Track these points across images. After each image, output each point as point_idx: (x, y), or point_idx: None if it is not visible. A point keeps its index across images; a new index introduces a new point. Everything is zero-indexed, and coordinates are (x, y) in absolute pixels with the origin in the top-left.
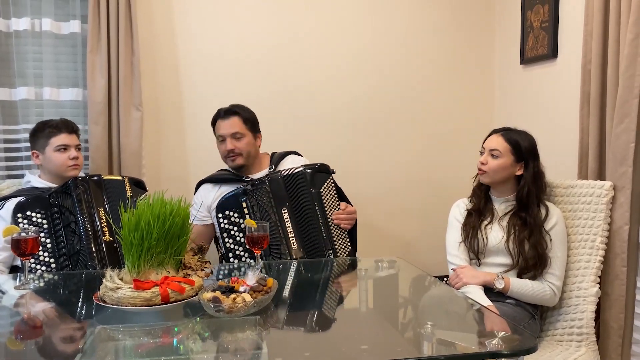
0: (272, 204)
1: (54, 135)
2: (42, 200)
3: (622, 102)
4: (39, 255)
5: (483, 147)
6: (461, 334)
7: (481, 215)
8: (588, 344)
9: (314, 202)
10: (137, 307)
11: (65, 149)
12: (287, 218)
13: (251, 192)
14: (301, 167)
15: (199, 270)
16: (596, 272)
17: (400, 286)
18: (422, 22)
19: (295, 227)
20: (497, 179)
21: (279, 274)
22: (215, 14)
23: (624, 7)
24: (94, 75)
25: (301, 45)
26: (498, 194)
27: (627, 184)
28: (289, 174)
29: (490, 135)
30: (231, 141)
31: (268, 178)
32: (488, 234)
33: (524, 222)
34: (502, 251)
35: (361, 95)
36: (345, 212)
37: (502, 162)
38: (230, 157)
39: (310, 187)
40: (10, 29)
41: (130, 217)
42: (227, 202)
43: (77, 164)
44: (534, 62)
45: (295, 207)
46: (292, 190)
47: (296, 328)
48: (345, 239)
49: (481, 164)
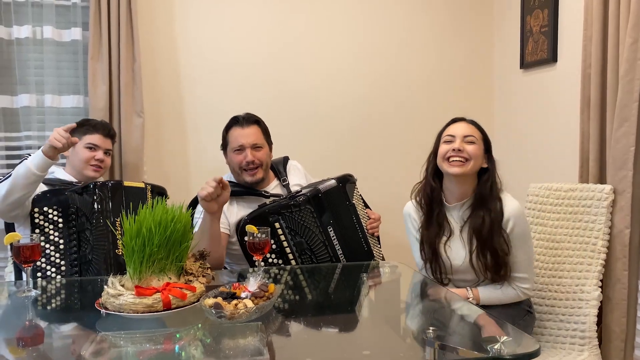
0: (318, 224)
1: (90, 133)
2: (60, 196)
3: (622, 106)
4: (50, 255)
5: (450, 135)
6: (464, 339)
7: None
8: (590, 348)
9: (352, 216)
10: (139, 314)
11: (94, 149)
12: (334, 236)
13: (287, 213)
14: (334, 181)
15: (200, 276)
16: (597, 276)
17: (402, 291)
18: (421, 27)
19: (342, 244)
20: (474, 169)
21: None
22: (216, 20)
23: (622, 12)
24: (96, 82)
25: (301, 50)
26: (456, 198)
27: (627, 188)
28: (328, 190)
29: (454, 122)
30: (252, 152)
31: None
32: (449, 254)
33: (482, 223)
34: (467, 270)
35: (361, 99)
36: (375, 220)
37: (479, 148)
38: (250, 169)
39: (346, 201)
40: (12, 36)
41: (132, 223)
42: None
43: (100, 166)
44: (533, 66)
45: (339, 224)
46: (333, 207)
47: (298, 334)
48: (377, 246)
49: (457, 150)
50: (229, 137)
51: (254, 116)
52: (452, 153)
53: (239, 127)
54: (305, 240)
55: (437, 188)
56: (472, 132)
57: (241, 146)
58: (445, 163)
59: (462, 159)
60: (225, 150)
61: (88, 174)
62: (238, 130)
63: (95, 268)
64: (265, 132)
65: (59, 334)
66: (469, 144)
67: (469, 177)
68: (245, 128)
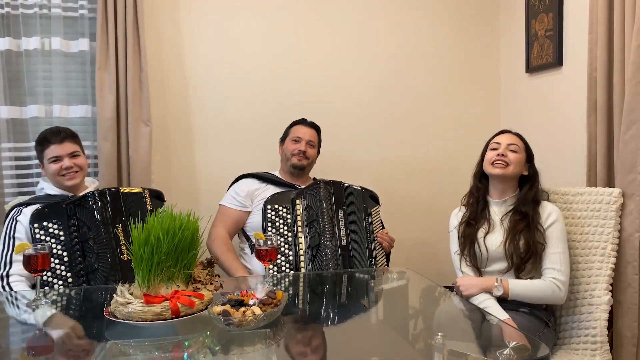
0: (332, 203)
1: (46, 148)
2: (58, 210)
3: (630, 109)
4: (55, 269)
5: (497, 143)
6: (472, 344)
7: (477, 224)
8: (602, 353)
9: (364, 216)
10: (148, 322)
11: (57, 160)
12: (342, 218)
13: (309, 192)
14: (358, 187)
15: (208, 283)
16: (608, 280)
17: (410, 297)
18: (428, 34)
19: (347, 227)
20: (515, 173)
21: (287, 287)
22: (222, 29)
23: (627, 15)
24: (103, 92)
25: (308, 60)
26: (498, 195)
27: (636, 191)
28: (349, 187)
29: (501, 134)
30: (306, 144)
31: (331, 182)
32: (487, 243)
33: (523, 217)
34: (500, 257)
35: (369, 105)
36: (387, 235)
37: (521, 157)
38: (298, 155)
39: (364, 204)
40: (20, 48)
41: (140, 231)
42: (279, 198)
43: (70, 172)
44: (539, 70)
45: (350, 212)
46: (349, 199)
47: (306, 340)
48: (383, 256)
49: (502, 155)
50: (292, 130)
51: (317, 125)
52: (495, 157)
53: (303, 125)
54: (315, 213)
55: (482, 188)
56: (515, 142)
57: (299, 137)
58: (489, 166)
59: (504, 163)
60: (282, 142)
61: (65, 184)
62: (301, 127)
63: (102, 276)
64: (320, 140)
65: (68, 343)
66: (511, 152)
67: (509, 179)
68: (308, 127)
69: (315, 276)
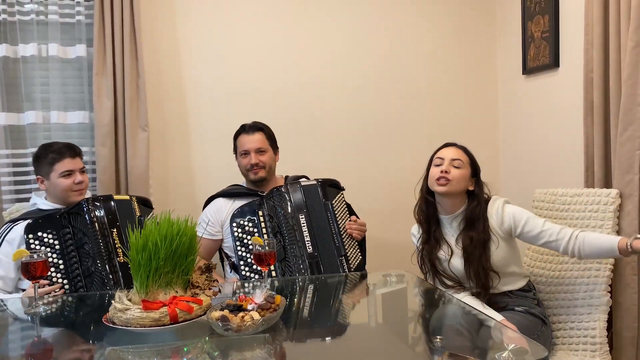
0: (290, 210)
1: (58, 161)
2: (53, 221)
3: (626, 110)
4: (52, 277)
5: (440, 158)
6: (472, 347)
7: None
8: (602, 354)
9: (326, 212)
10: (146, 328)
11: (70, 174)
12: (304, 223)
13: (269, 201)
14: (315, 181)
15: (207, 289)
16: (607, 281)
17: (409, 300)
18: (424, 36)
19: (311, 232)
20: (458, 189)
21: (286, 291)
22: (219, 34)
23: (623, 16)
24: (101, 98)
25: (304, 63)
26: (447, 211)
27: (634, 192)
28: (307, 185)
29: (445, 147)
30: (255, 155)
31: (288, 185)
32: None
33: (470, 242)
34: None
35: (365, 107)
36: (356, 223)
37: (464, 172)
38: (253, 170)
39: (324, 199)
40: (17, 54)
41: (138, 237)
42: (242, 212)
43: (82, 188)
44: (536, 72)
45: (311, 214)
46: (309, 200)
47: (305, 345)
48: (355, 248)
49: (445, 172)
50: (237, 143)
51: (259, 124)
52: (438, 174)
53: (245, 133)
54: (277, 224)
55: (431, 203)
56: (459, 157)
57: (246, 151)
58: (434, 183)
59: (446, 180)
60: (236, 155)
61: (74, 200)
62: (244, 137)
63: (99, 278)
64: (270, 138)
65: (68, 350)
66: (455, 168)
67: (455, 195)
68: (250, 135)
69: (314, 280)
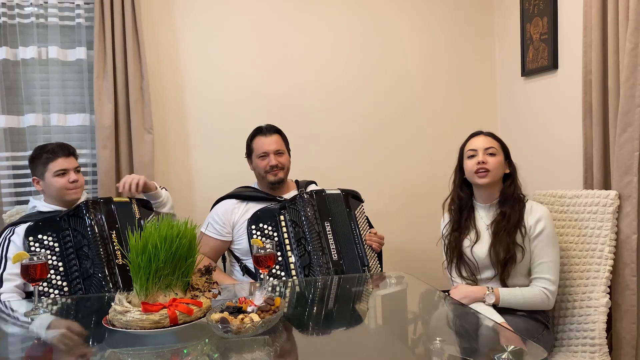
0: (317, 217)
1: (52, 160)
2: (53, 223)
3: (625, 112)
4: (51, 279)
5: (472, 150)
6: (471, 349)
7: (462, 234)
8: (601, 356)
9: (349, 221)
10: (146, 330)
11: (64, 173)
12: (330, 231)
13: (292, 206)
14: (339, 190)
15: (206, 291)
16: (606, 282)
17: (409, 301)
18: (423, 38)
19: (336, 240)
20: (497, 177)
21: (285, 293)
22: (220, 37)
23: (621, 18)
24: (101, 100)
25: (304, 66)
26: (484, 200)
27: (633, 193)
28: (332, 194)
29: (474, 137)
30: (275, 157)
31: (313, 193)
32: (474, 253)
33: (502, 218)
34: (488, 265)
35: (364, 109)
36: (376, 235)
37: (500, 159)
38: (272, 171)
39: (347, 209)
40: (17, 57)
41: (138, 240)
42: (262, 215)
43: (77, 187)
44: (535, 73)
45: (336, 222)
46: (333, 207)
47: (305, 346)
48: (375, 259)
49: (482, 163)
50: (254, 145)
51: (275, 126)
52: (475, 166)
53: (263, 135)
54: (302, 230)
55: (464, 196)
56: (492, 144)
57: (265, 152)
58: (474, 176)
59: (485, 171)
60: (250, 158)
61: (70, 198)
62: (262, 139)
63: (98, 280)
64: (285, 141)
65: (67, 352)
66: (490, 156)
67: (495, 183)
68: (268, 137)
69: (313, 282)
